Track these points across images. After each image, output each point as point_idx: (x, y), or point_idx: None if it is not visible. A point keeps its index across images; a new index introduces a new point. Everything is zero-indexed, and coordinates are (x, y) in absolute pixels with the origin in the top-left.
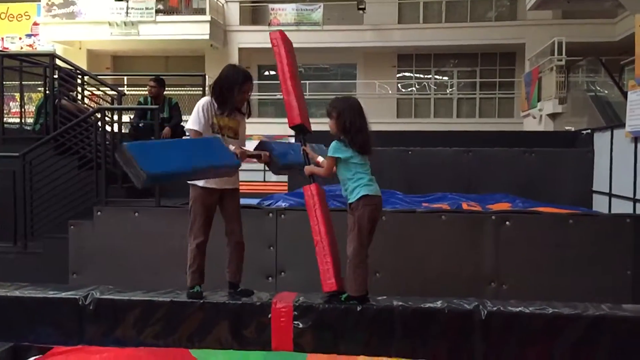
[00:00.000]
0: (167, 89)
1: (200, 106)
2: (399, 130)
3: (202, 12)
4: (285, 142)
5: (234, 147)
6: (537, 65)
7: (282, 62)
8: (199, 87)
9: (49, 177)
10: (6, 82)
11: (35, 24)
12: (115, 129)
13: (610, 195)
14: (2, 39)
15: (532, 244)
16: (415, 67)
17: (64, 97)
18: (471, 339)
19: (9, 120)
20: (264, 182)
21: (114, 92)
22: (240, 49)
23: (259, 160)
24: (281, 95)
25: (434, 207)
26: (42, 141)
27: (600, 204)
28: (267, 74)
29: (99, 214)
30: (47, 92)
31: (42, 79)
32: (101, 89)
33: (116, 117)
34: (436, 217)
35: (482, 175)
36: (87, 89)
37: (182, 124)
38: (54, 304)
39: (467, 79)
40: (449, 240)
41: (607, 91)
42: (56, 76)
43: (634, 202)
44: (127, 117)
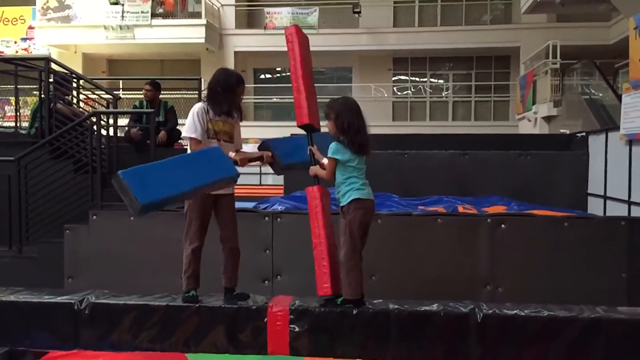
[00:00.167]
0: (162, 92)
1: (195, 112)
2: (394, 133)
3: (197, 15)
4: (290, 137)
5: (234, 154)
6: (532, 68)
7: (295, 59)
8: (195, 91)
9: (45, 181)
10: (1, 86)
11: (30, 27)
12: (110, 133)
13: (605, 197)
14: None
15: (528, 247)
16: (410, 70)
17: (60, 101)
18: (467, 341)
19: (4, 124)
20: (260, 185)
21: (109, 96)
22: (236, 53)
23: (261, 161)
24: (277, 98)
25: (430, 210)
26: (37, 145)
27: (595, 207)
28: (262, 77)
29: (95, 218)
30: (43, 96)
31: (38, 82)
32: (96, 92)
33: (112, 121)
34: (432, 220)
35: (478, 178)
36: (83, 93)
37: (177, 127)
38: (50, 309)
39: (462, 82)
40: (444, 243)
41: (601, 94)
42: (51, 80)
43: (629, 205)
44: (122, 121)
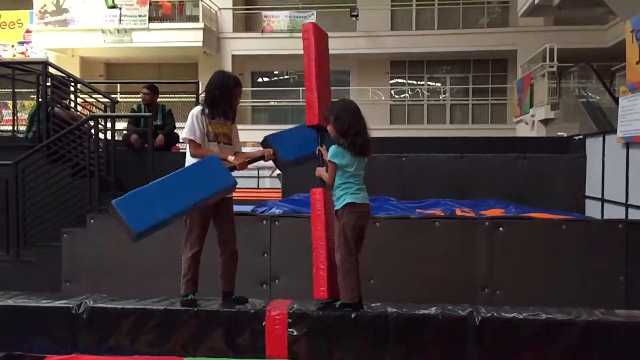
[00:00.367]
0: (160, 96)
1: (194, 115)
2: (392, 136)
3: (195, 19)
4: (294, 128)
5: (233, 157)
6: (529, 71)
7: (309, 57)
8: (193, 94)
9: (42, 185)
10: None
11: (27, 31)
12: (108, 137)
13: (602, 200)
14: None
15: (526, 250)
16: (408, 73)
17: (57, 105)
18: (465, 345)
19: (1, 128)
20: (258, 188)
21: (107, 100)
22: (233, 56)
23: (263, 160)
24: (275, 101)
25: (428, 213)
26: (35, 149)
27: (592, 210)
28: (260, 80)
29: (92, 221)
30: (40, 99)
31: (35, 86)
32: (94, 96)
33: (109, 124)
34: (430, 223)
35: (475, 181)
36: (80, 97)
37: (175, 131)
38: (47, 313)
39: (459, 85)
40: (442, 246)
41: (598, 97)
42: (49, 84)
43: (626, 208)
44: (120, 125)
